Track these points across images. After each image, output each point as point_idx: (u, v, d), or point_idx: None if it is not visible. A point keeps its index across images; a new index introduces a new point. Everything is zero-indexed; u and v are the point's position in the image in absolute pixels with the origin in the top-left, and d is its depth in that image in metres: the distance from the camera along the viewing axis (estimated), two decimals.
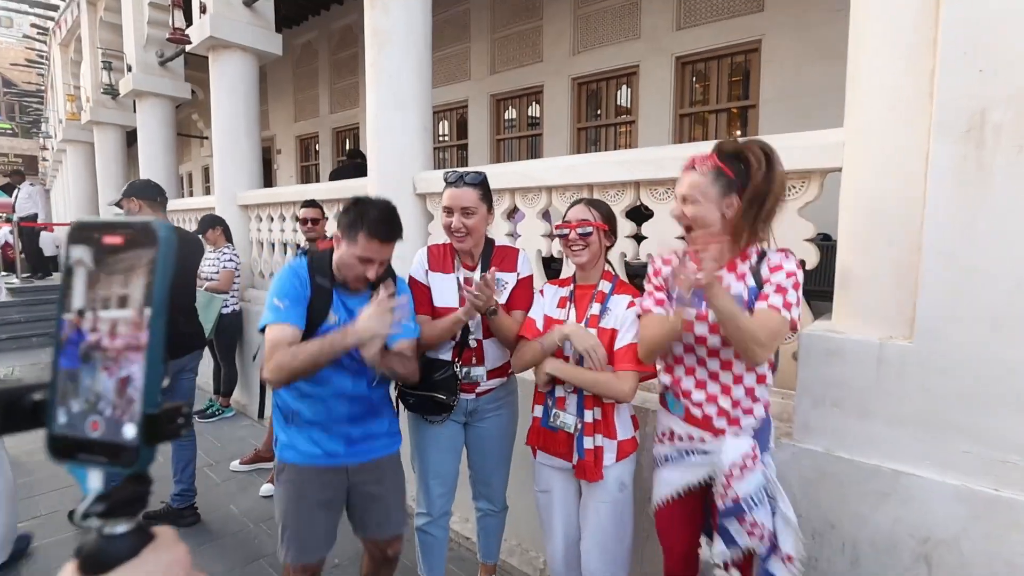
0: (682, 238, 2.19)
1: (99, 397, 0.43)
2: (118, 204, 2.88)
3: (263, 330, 1.59)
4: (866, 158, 1.67)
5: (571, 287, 1.81)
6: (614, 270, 1.85)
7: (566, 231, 1.72)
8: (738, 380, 1.48)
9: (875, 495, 1.62)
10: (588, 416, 1.68)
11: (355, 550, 2.62)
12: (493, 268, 1.76)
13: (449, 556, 2.18)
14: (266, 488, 3.22)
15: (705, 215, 1.44)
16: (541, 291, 1.89)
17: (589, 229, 1.70)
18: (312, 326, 1.61)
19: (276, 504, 1.76)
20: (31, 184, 9.48)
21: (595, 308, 1.72)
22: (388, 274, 1.75)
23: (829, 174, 1.88)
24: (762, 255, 1.48)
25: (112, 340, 0.44)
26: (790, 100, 4.62)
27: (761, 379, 1.50)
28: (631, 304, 1.68)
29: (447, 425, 1.91)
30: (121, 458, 0.42)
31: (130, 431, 0.42)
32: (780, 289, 1.39)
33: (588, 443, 1.68)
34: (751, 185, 1.40)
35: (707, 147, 2.13)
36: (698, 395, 1.52)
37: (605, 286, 1.75)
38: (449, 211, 1.80)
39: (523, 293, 1.89)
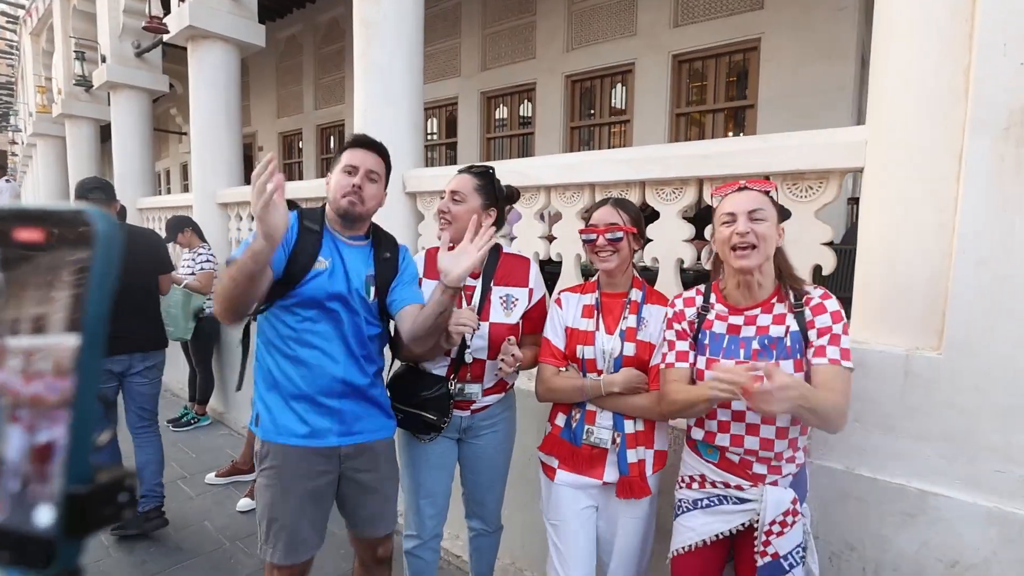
0: (692, 241, 2.08)
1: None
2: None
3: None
4: (892, 157, 1.57)
5: (596, 294, 1.65)
6: (640, 276, 1.70)
7: (593, 236, 1.58)
8: (782, 434, 1.35)
9: (899, 516, 1.53)
10: (629, 427, 1.55)
11: (342, 572, 2.47)
12: (504, 298, 1.66)
13: (439, 575, 2.04)
14: (244, 503, 3.04)
15: (769, 237, 1.32)
16: (558, 301, 1.73)
17: (619, 234, 1.56)
18: (300, 270, 1.51)
19: (259, 495, 1.58)
20: (6, 180, 9.10)
21: (631, 320, 1.58)
22: (391, 241, 1.71)
23: (848, 174, 1.78)
24: (799, 293, 1.38)
25: (25, 384, 0.31)
26: (789, 100, 4.56)
27: (804, 430, 1.39)
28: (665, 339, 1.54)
29: (439, 442, 1.77)
30: (29, 556, 0.30)
31: (45, 516, 0.30)
32: (835, 338, 1.31)
33: (632, 456, 1.54)
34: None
35: (715, 146, 2.06)
36: (736, 450, 1.39)
37: (636, 294, 1.61)
38: (442, 195, 1.74)
39: (541, 316, 1.76)
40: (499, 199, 1.77)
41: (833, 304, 1.33)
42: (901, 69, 1.54)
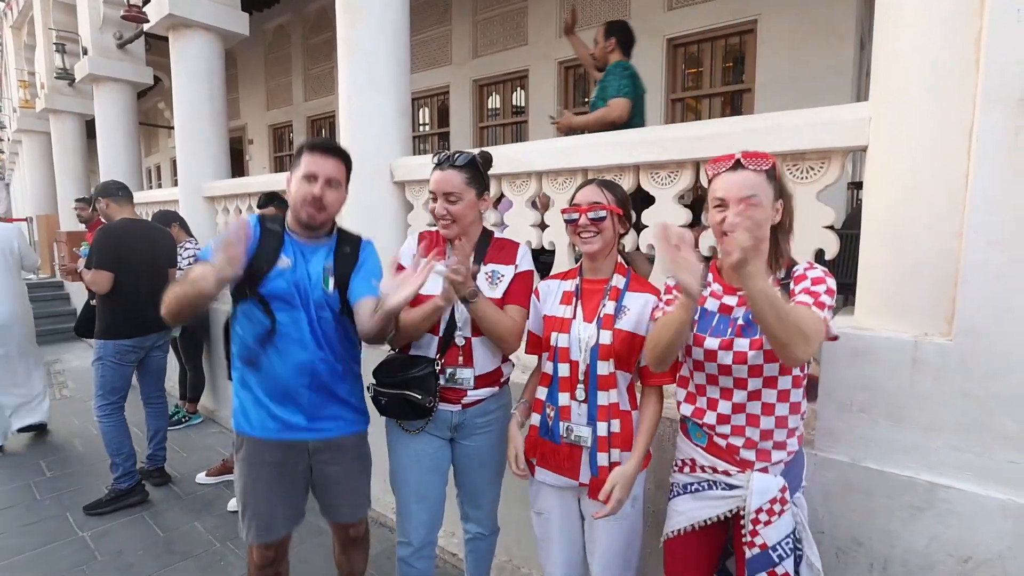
0: (690, 226, 2.01)
1: None
2: (93, 207, 3.23)
3: None
4: (898, 135, 1.49)
5: (577, 280, 1.59)
6: (627, 262, 1.62)
7: (575, 215, 1.50)
8: (768, 411, 1.30)
9: (908, 510, 1.47)
10: (602, 429, 1.47)
11: (330, 571, 2.40)
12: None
13: (434, 574, 1.97)
14: (234, 503, 2.97)
15: (763, 221, 1.20)
16: (536, 291, 1.67)
17: (603, 213, 1.48)
18: (262, 270, 1.56)
19: (236, 480, 1.70)
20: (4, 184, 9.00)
21: (609, 307, 1.50)
22: (355, 238, 1.73)
23: (851, 153, 1.70)
24: (789, 270, 1.32)
25: None
26: (787, 84, 4.45)
27: (795, 408, 1.31)
28: (655, 310, 1.45)
29: (431, 442, 1.70)
30: None
31: None
32: (809, 291, 1.22)
33: (602, 459, 1.48)
34: (785, 194, 1.28)
35: (712, 127, 1.97)
36: (723, 428, 1.34)
37: (619, 281, 1.54)
38: (434, 196, 1.64)
39: (520, 288, 1.66)
40: (488, 181, 1.72)
41: (816, 272, 1.26)
42: (906, 40, 1.45)
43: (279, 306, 1.57)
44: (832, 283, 1.24)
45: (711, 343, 1.30)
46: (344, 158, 1.65)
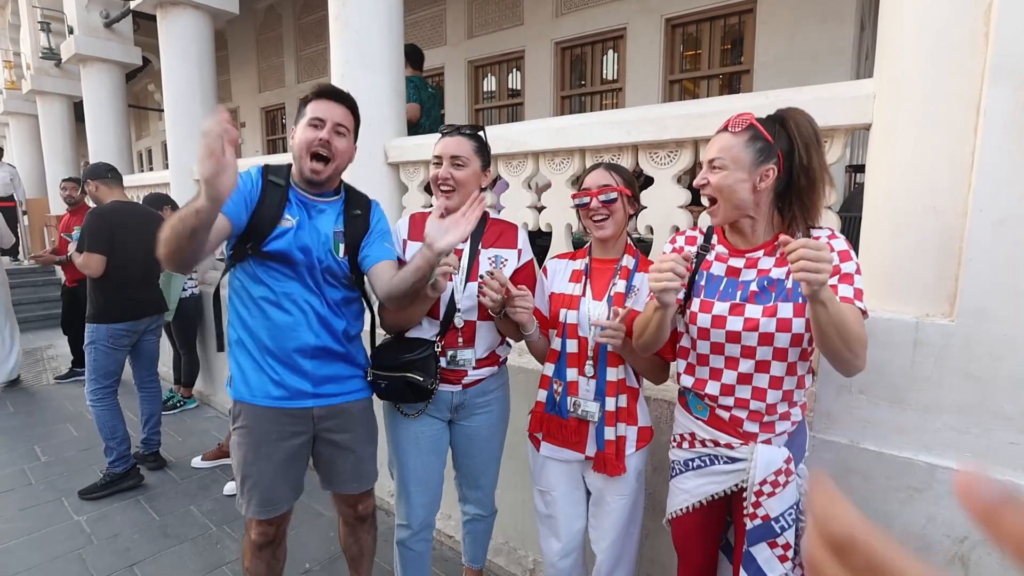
0: (690, 207, 1.98)
1: None
2: (82, 190, 3.18)
3: None
4: (902, 111, 1.45)
5: (586, 259, 1.59)
6: (635, 244, 1.63)
7: (587, 199, 1.51)
8: (776, 384, 1.26)
9: (906, 491, 1.46)
10: (610, 404, 1.49)
11: (328, 553, 2.41)
12: (493, 258, 1.56)
13: (432, 556, 1.97)
14: (231, 487, 2.97)
15: (732, 186, 1.21)
16: (544, 269, 1.67)
17: (613, 195, 1.48)
18: (265, 226, 1.45)
19: (233, 451, 1.58)
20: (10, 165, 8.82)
21: (620, 285, 1.50)
22: (364, 199, 1.65)
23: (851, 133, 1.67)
24: (806, 235, 1.26)
25: None
26: (786, 65, 4.39)
27: (801, 382, 1.29)
28: None
29: (430, 424, 1.68)
30: None
31: None
32: (846, 277, 1.18)
33: (609, 433, 1.49)
34: (804, 150, 1.20)
35: (713, 104, 1.93)
36: (726, 400, 1.30)
37: (629, 261, 1.55)
38: (439, 161, 1.59)
39: (528, 277, 1.67)
40: (490, 158, 1.69)
41: (840, 244, 1.21)
42: (914, 15, 1.41)
43: (282, 267, 1.47)
44: (856, 256, 1.22)
45: (720, 308, 1.26)
46: (353, 107, 1.57)
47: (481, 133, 1.66)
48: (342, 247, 1.54)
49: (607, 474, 1.50)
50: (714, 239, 1.37)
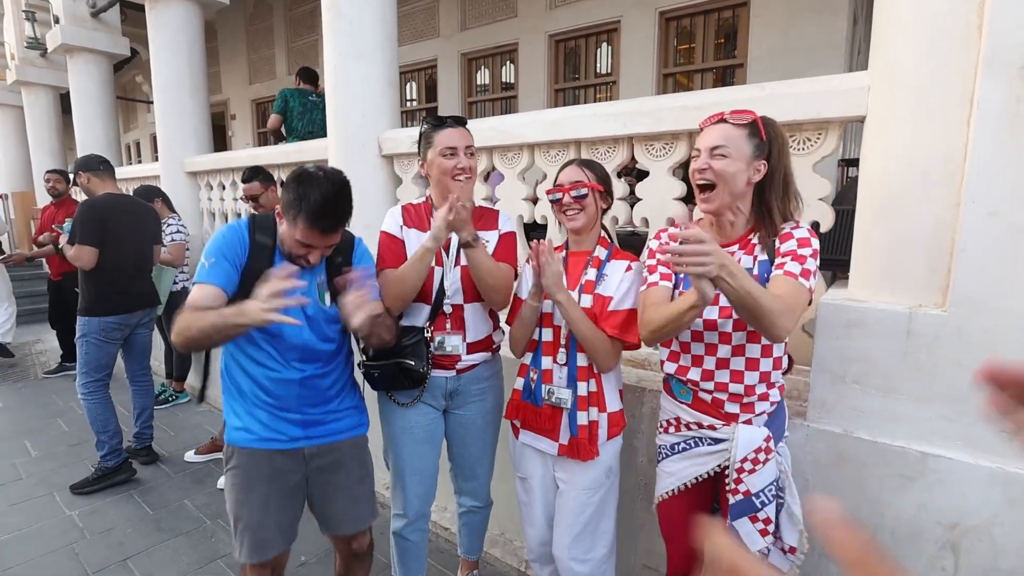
0: (684, 200, 1.98)
1: None
2: (74, 181, 3.05)
3: None
4: (896, 104, 1.46)
5: (563, 254, 1.67)
6: (610, 236, 1.70)
7: (559, 195, 1.58)
8: (752, 366, 1.33)
9: (898, 479, 1.48)
10: (582, 389, 1.54)
11: (323, 546, 2.41)
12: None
13: (428, 547, 1.97)
14: (224, 480, 2.95)
15: (735, 174, 1.26)
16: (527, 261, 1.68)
17: (584, 191, 1.56)
18: (251, 287, 1.41)
19: (227, 494, 1.58)
20: None
21: (591, 273, 1.58)
22: (345, 241, 1.61)
23: (849, 124, 1.68)
24: (776, 229, 1.33)
25: None
26: (780, 59, 4.40)
27: (777, 363, 1.36)
28: (628, 269, 1.55)
29: (424, 413, 1.68)
30: None
31: None
32: (797, 257, 1.24)
33: (582, 418, 1.54)
34: (778, 156, 1.29)
35: (709, 96, 1.93)
36: (707, 384, 1.38)
37: (601, 252, 1.61)
38: (453, 151, 1.61)
39: (506, 247, 1.72)
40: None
41: (802, 232, 1.28)
42: (908, 7, 1.41)
43: (272, 326, 1.43)
44: (816, 244, 1.27)
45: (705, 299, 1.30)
46: (344, 224, 1.52)
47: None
48: (327, 296, 1.55)
49: (580, 459, 1.53)
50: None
